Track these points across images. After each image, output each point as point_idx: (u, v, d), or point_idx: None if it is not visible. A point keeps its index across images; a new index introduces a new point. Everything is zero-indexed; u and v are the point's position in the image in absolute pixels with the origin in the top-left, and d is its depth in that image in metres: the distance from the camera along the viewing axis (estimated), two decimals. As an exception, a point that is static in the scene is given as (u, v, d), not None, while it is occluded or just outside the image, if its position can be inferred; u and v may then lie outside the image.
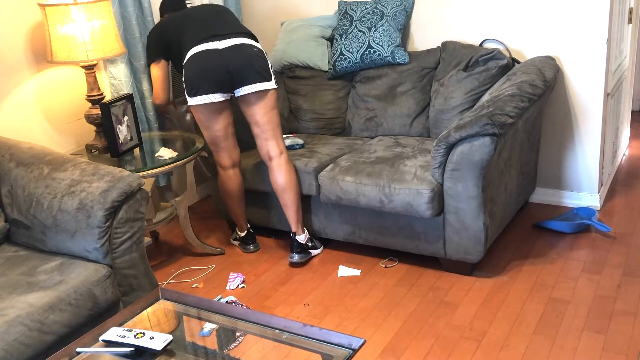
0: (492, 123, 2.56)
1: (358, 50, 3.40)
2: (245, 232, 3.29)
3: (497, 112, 2.63)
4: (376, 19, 3.38)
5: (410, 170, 2.83)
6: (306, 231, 3.12)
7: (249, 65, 2.81)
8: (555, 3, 3.19)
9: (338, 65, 3.49)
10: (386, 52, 3.36)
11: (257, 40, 2.93)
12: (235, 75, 2.81)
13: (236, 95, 2.90)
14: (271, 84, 2.88)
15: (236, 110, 3.03)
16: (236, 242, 3.36)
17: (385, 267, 3.00)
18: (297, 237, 3.07)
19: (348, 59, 3.44)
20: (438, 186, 2.73)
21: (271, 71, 2.89)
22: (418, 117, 3.34)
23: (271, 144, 2.96)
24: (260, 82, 2.84)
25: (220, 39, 2.83)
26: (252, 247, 3.30)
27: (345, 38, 3.45)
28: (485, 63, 3.14)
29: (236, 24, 2.95)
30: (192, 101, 2.86)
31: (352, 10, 3.49)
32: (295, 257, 3.07)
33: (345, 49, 3.45)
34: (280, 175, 2.97)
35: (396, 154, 3.05)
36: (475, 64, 3.16)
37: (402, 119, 3.36)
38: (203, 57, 2.81)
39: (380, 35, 3.36)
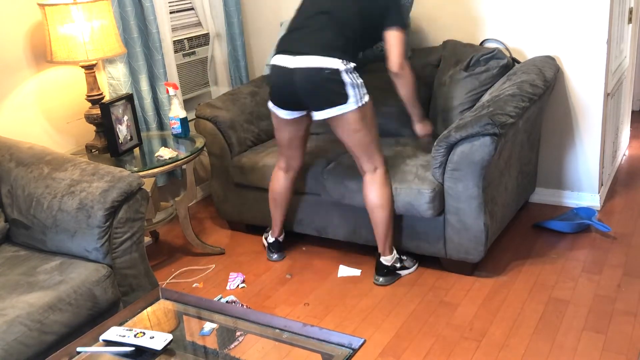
0: (492, 123, 2.56)
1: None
2: (274, 239, 3.16)
3: (498, 112, 2.63)
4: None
5: (411, 170, 2.83)
6: (394, 251, 2.88)
7: (316, 92, 2.60)
8: (555, 3, 3.19)
9: None
10: None
11: (337, 53, 2.58)
12: (304, 100, 2.64)
13: (313, 118, 2.73)
14: (343, 108, 2.58)
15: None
16: (265, 242, 3.27)
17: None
18: (381, 259, 2.85)
19: None
20: (439, 186, 2.73)
21: (350, 90, 2.57)
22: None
23: (362, 161, 2.74)
24: (330, 107, 2.60)
25: (294, 55, 2.61)
26: (274, 256, 3.18)
27: None
28: (486, 63, 3.13)
29: (321, 33, 2.63)
30: (268, 102, 2.80)
31: None
32: (380, 280, 2.86)
33: None
34: (372, 193, 2.75)
35: (396, 152, 3.06)
36: (476, 63, 3.16)
37: (402, 115, 3.32)
38: (276, 72, 2.69)
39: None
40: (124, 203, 2.31)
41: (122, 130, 2.98)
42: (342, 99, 2.58)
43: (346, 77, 2.57)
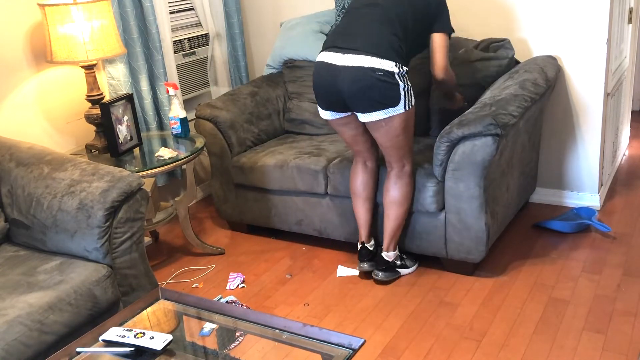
0: (495, 123, 2.56)
1: None
2: (361, 245, 2.90)
3: (501, 112, 2.63)
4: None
5: (416, 164, 2.84)
6: (397, 250, 2.88)
7: (362, 94, 2.52)
8: (555, 3, 3.19)
9: None
10: None
11: (392, 55, 2.53)
12: (349, 101, 2.57)
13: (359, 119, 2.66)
14: (392, 111, 2.54)
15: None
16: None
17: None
18: (383, 254, 2.84)
19: None
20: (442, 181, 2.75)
21: (403, 94, 2.54)
22: (416, 98, 3.29)
23: (393, 160, 2.72)
24: (376, 110, 2.54)
25: (343, 52, 2.53)
26: (365, 265, 2.88)
27: None
28: (496, 50, 3.15)
29: (374, 30, 2.56)
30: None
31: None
32: (380, 275, 2.83)
33: None
34: (394, 188, 2.73)
35: None
36: (486, 49, 3.16)
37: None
38: (322, 70, 2.60)
39: None
40: (124, 203, 2.31)
41: (122, 130, 2.98)
42: (394, 102, 2.53)
43: (399, 80, 2.53)
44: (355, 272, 2.99)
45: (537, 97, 2.87)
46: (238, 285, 2.97)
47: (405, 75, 2.57)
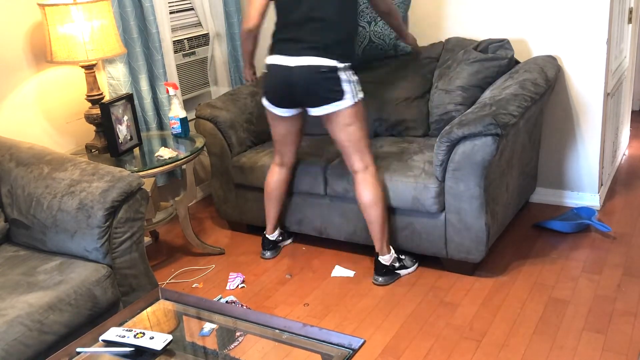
0: (495, 123, 2.56)
1: (359, 46, 3.40)
2: (265, 236, 3.21)
3: (501, 112, 2.63)
4: (375, 13, 3.37)
5: (418, 165, 2.85)
6: (392, 250, 2.88)
7: (313, 90, 2.67)
8: (555, 3, 3.19)
9: None
10: (388, 46, 3.37)
11: (334, 56, 2.64)
12: (301, 98, 2.72)
13: (308, 113, 2.80)
14: (341, 104, 2.66)
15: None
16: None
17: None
18: (380, 258, 2.85)
19: None
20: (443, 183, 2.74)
21: (346, 87, 2.64)
22: (416, 100, 3.32)
23: (354, 159, 2.78)
24: (326, 104, 2.67)
25: (294, 55, 2.67)
26: (267, 253, 3.21)
27: None
28: (495, 51, 3.15)
29: (318, 38, 2.66)
30: (263, 99, 2.87)
31: None
32: (380, 280, 2.86)
33: None
34: (365, 191, 2.77)
35: (403, 149, 3.06)
36: (485, 49, 3.17)
37: (401, 102, 3.32)
38: (274, 71, 2.75)
39: (381, 30, 3.36)
40: (124, 203, 2.31)
41: (122, 130, 2.98)
42: (339, 95, 2.65)
43: (342, 75, 2.65)
44: (351, 273, 2.99)
45: (537, 97, 2.87)
46: (238, 285, 2.97)
47: (349, 69, 2.67)
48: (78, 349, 1.89)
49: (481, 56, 3.12)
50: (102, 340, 1.90)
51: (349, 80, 2.66)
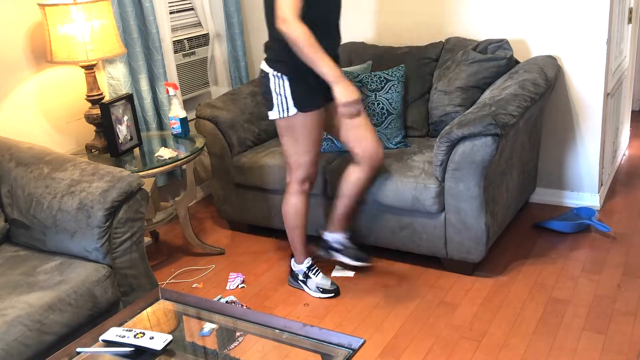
0: (495, 123, 2.56)
1: None
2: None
3: (501, 112, 2.64)
4: None
5: (418, 165, 2.85)
6: (305, 263, 2.86)
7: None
8: (555, 3, 3.19)
9: None
10: None
11: (269, 60, 2.53)
12: None
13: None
14: (271, 114, 2.57)
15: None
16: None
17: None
18: (292, 260, 2.94)
19: None
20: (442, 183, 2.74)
21: (274, 98, 2.51)
22: (416, 101, 3.32)
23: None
24: (267, 110, 2.61)
25: None
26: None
27: None
28: (494, 51, 3.15)
29: (270, 32, 2.50)
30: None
31: None
32: (290, 280, 2.95)
33: None
34: (283, 203, 2.80)
35: (402, 149, 3.06)
36: (484, 50, 3.17)
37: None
38: None
39: None
40: (124, 203, 2.31)
41: (122, 130, 2.98)
42: (268, 104, 2.57)
43: (271, 83, 2.51)
44: (351, 273, 2.99)
45: (537, 97, 2.87)
46: (238, 286, 2.97)
47: (281, 78, 2.47)
48: (78, 349, 1.89)
49: (480, 57, 3.12)
50: (102, 340, 1.91)
51: (277, 92, 2.49)
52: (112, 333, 1.90)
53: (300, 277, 2.88)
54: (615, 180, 3.79)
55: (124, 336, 1.87)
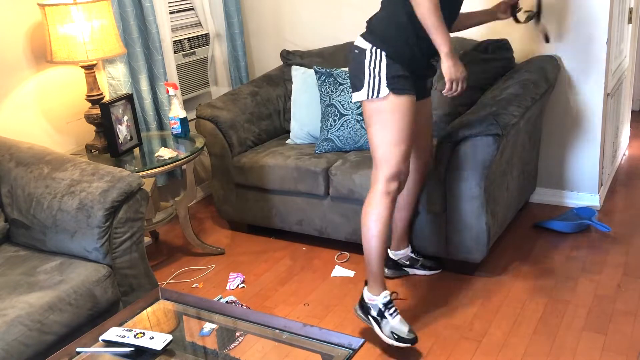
0: (496, 123, 2.56)
1: None
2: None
3: (502, 112, 2.64)
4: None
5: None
6: (382, 296, 2.38)
7: (349, 72, 2.41)
8: (555, 3, 3.19)
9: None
10: None
11: (371, 37, 2.31)
12: None
13: None
14: (358, 95, 2.32)
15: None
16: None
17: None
18: (364, 289, 2.44)
19: None
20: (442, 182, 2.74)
21: (365, 76, 2.28)
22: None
23: (373, 166, 2.40)
24: (353, 91, 2.36)
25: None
26: (386, 271, 2.68)
27: None
28: (494, 51, 3.15)
29: (376, 13, 2.35)
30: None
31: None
32: (357, 309, 2.46)
33: None
34: (363, 207, 2.42)
35: None
36: (485, 50, 3.17)
37: None
38: None
39: None
40: (124, 203, 2.31)
41: (122, 130, 2.98)
42: (359, 84, 2.32)
43: (367, 60, 2.29)
44: (351, 273, 2.99)
45: (538, 97, 2.87)
46: (238, 286, 2.97)
47: (379, 57, 2.28)
48: (78, 349, 1.89)
49: (480, 57, 3.12)
50: (102, 340, 1.91)
51: (370, 70, 2.27)
52: (112, 333, 1.90)
53: (373, 313, 2.38)
54: (615, 180, 3.79)
55: (124, 336, 1.87)
